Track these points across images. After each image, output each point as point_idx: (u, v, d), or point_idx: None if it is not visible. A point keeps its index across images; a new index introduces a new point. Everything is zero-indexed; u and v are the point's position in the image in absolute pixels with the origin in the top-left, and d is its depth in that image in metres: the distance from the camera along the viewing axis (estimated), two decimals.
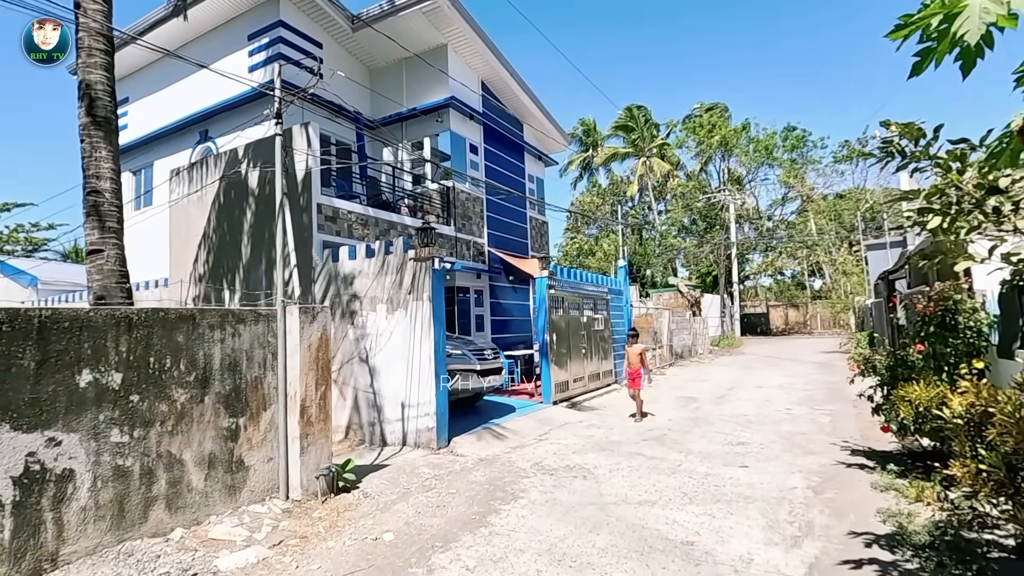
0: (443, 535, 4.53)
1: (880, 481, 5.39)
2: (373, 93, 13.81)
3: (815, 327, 39.94)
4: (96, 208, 5.31)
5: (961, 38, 2.33)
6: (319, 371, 5.57)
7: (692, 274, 39.87)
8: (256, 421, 5.16)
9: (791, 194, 39.78)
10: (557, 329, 11.13)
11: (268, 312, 5.40)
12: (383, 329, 7.92)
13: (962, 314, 5.56)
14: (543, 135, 17.23)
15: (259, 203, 9.46)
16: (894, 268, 11.90)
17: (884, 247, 19.38)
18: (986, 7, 2.22)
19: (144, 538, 4.19)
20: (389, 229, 10.43)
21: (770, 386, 13.02)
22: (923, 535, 4.04)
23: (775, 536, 4.26)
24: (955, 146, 4.36)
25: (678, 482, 5.74)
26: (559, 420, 9.41)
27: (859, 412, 9.19)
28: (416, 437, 7.49)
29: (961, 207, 4.39)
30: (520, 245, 15.56)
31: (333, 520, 4.90)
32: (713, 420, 9.07)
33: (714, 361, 21.07)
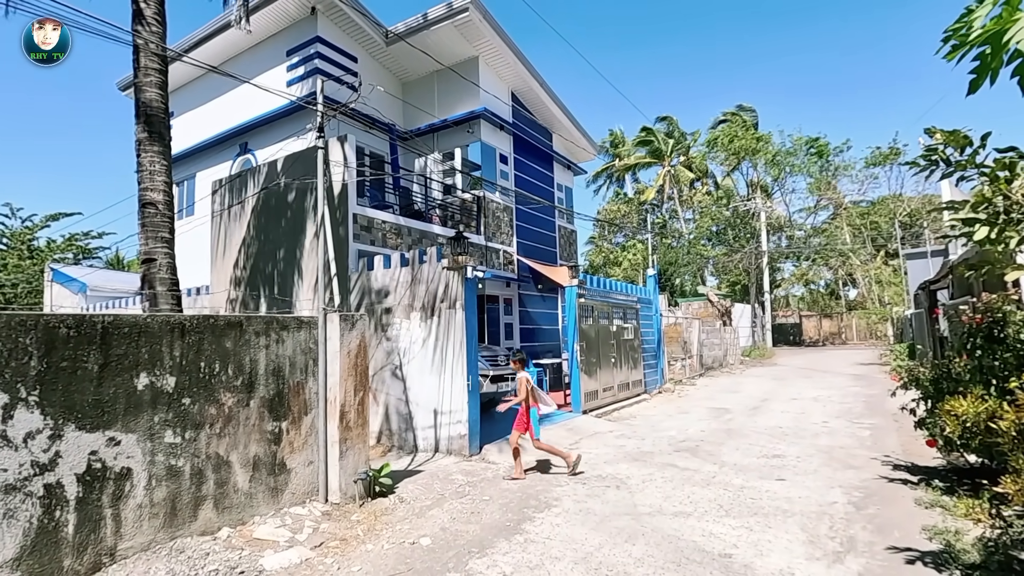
0: (479, 541, 4.58)
1: (925, 497, 5.24)
2: (406, 105, 14.11)
3: (850, 338, 38.84)
4: (151, 219, 5.58)
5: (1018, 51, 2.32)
6: (358, 377, 5.70)
7: (722, 283, 39.26)
8: (298, 425, 5.32)
9: (823, 202, 38.94)
10: (587, 338, 11.13)
11: (310, 320, 5.57)
12: (416, 337, 8.05)
13: (1011, 326, 5.38)
14: (572, 144, 17.31)
15: (296, 214, 9.74)
16: (936, 278, 11.56)
17: (925, 256, 18.79)
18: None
19: (193, 536, 4.36)
20: (421, 238, 10.61)
21: (805, 398, 12.73)
22: (972, 554, 3.92)
23: (816, 551, 4.19)
24: (1003, 154, 4.27)
25: (713, 494, 5.68)
26: (589, 430, 9.38)
27: (900, 426, 8.92)
28: (448, 444, 7.58)
29: (1010, 217, 4.29)
30: (549, 254, 15.62)
31: (371, 524, 5.00)
32: (747, 432, 8.93)
33: (745, 372, 20.68)
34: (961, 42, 2.43)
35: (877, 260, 37.64)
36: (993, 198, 4.31)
